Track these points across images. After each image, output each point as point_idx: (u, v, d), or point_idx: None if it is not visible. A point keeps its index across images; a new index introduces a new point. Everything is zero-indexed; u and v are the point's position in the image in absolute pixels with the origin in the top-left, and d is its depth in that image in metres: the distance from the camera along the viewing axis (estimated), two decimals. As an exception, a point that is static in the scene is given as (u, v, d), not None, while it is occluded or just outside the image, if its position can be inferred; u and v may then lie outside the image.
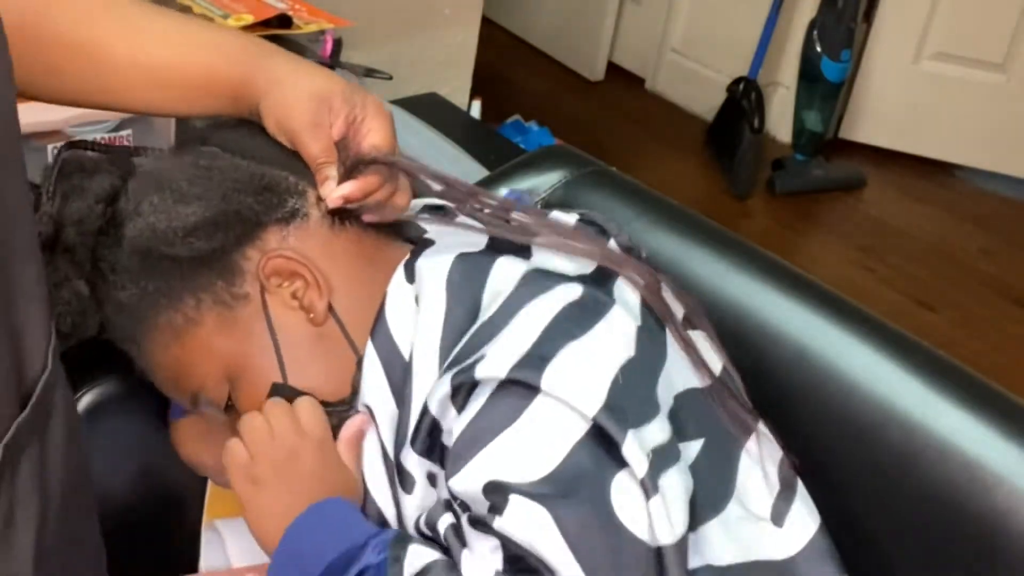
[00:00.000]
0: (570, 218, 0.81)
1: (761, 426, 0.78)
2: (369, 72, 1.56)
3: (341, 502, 0.72)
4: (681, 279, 0.90)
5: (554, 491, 0.63)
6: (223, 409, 0.77)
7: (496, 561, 0.64)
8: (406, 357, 0.74)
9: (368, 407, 0.75)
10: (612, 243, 0.80)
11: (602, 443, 0.64)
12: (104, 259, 0.76)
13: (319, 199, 0.77)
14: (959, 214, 2.81)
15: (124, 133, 1.21)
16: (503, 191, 0.87)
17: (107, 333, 0.79)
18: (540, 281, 0.72)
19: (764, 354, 0.86)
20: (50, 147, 1.16)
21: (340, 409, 0.76)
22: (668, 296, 0.78)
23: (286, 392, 0.75)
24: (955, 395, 0.80)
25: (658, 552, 0.64)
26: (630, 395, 0.67)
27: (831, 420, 0.82)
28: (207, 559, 0.90)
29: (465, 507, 0.68)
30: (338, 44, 1.53)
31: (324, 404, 0.75)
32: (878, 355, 0.83)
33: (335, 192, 0.75)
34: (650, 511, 0.64)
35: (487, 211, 0.79)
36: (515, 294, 0.71)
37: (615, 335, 0.69)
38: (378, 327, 0.75)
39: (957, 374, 0.82)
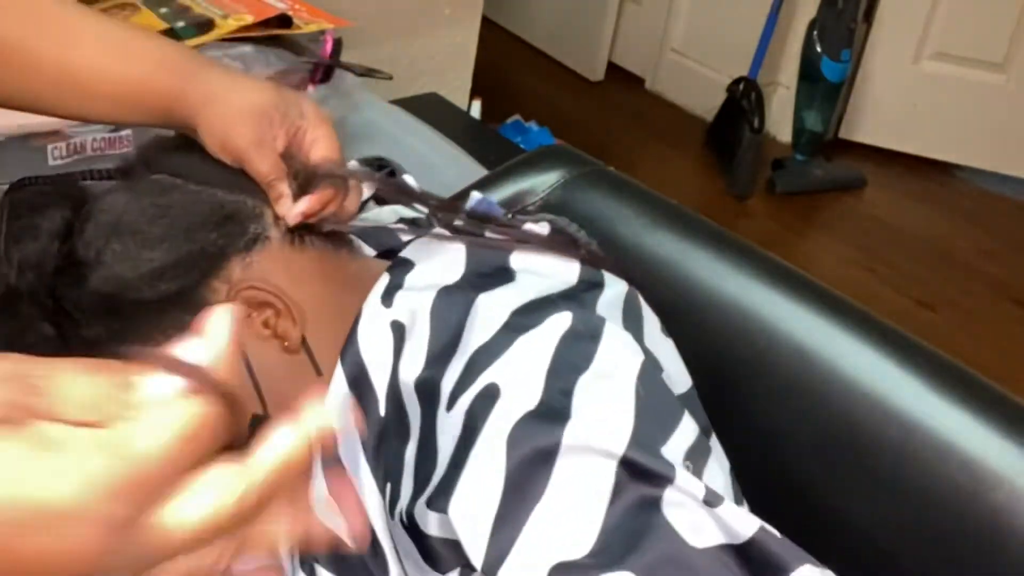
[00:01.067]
0: (542, 228, 0.80)
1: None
2: (369, 72, 1.56)
3: None
4: (680, 279, 0.90)
5: (616, 551, 0.60)
6: None
7: None
8: (375, 384, 0.71)
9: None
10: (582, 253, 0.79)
11: (641, 476, 0.62)
12: (66, 298, 0.73)
13: (277, 218, 0.74)
14: (959, 214, 2.81)
15: (124, 133, 1.21)
16: (476, 195, 0.86)
17: None
18: (527, 316, 0.69)
19: (764, 354, 0.86)
20: (50, 147, 1.16)
21: None
22: (644, 306, 0.79)
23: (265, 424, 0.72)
24: (955, 395, 0.79)
25: (746, 547, 0.61)
26: (654, 404, 0.65)
27: (831, 420, 0.82)
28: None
29: None
30: (338, 44, 1.52)
31: None
32: (878, 355, 0.83)
33: (293, 209, 0.73)
34: (720, 517, 0.62)
35: (459, 223, 0.77)
36: (502, 335, 0.68)
37: (620, 350, 0.68)
38: (348, 350, 0.72)
39: (957, 374, 0.82)
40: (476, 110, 2.36)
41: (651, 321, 0.78)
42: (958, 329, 2.39)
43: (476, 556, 0.61)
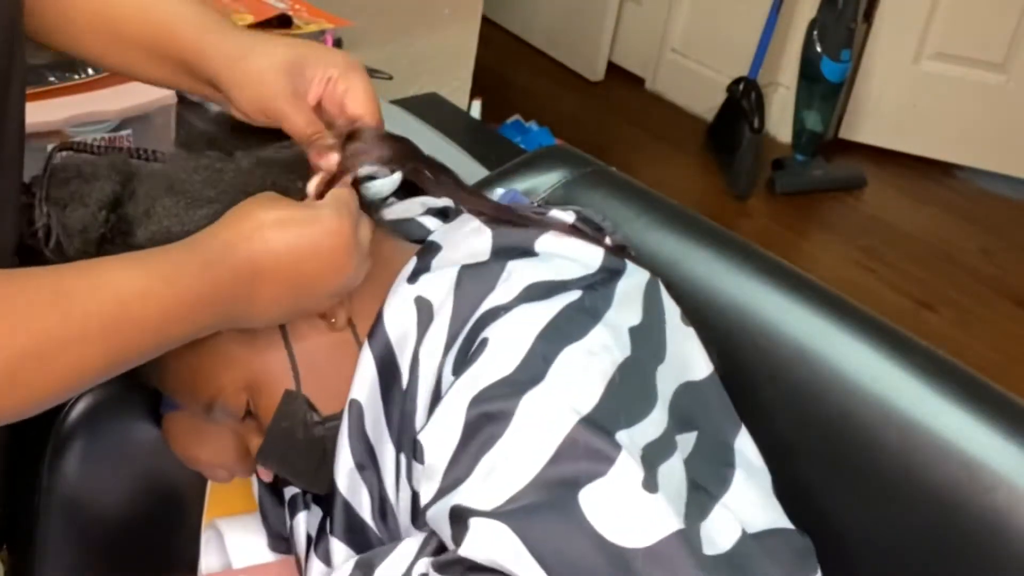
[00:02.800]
0: (568, 215, 0.82)
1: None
2: (369, 72, 1.56)
3: None
4: (681, 279, 0.90)
5: (520, 506, 0.62)
6: (240, 418, 0.75)
7: None
8: (399, 360, 0.73)
9: (356, 401, 0.74)
10: (607, 241, 0.81)
11: (583, 451, 0.63)
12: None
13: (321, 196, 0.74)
14: (959, 214, 2.81)
15: (124, 133, 1.21)
16: (500, 191, 0.86)
17: None
18: (541, 291, 0.72)
19: (764, 354, 0.86)
20: (49, 147, 1.16)
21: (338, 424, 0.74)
22: (664, 295, 0.80)
23: (298, 401, 0.73)
24: (955, 395, 0.80)
25: (654, 549, 0.62)
26: (625, 393, 0.67)
27: (831, 420, 0.82)
28: (207, 559, 0.90)
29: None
30: (338, 44, 1.53)
31: (327, 418, 0.74)
32: (878, 355, 0.83)
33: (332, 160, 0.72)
34: (647, 508, 0.63)
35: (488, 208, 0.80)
36: (512, 302, 0.71)
37: (611, 337, 0.70)
38: (376, 332, 0.74)
39: (957, 374, 0.82)
40: (476, 110, 2.36)
41: (672, 310, 0.79)
42: (958, 329, 2.38)
43: (425, 495, 0.66)
